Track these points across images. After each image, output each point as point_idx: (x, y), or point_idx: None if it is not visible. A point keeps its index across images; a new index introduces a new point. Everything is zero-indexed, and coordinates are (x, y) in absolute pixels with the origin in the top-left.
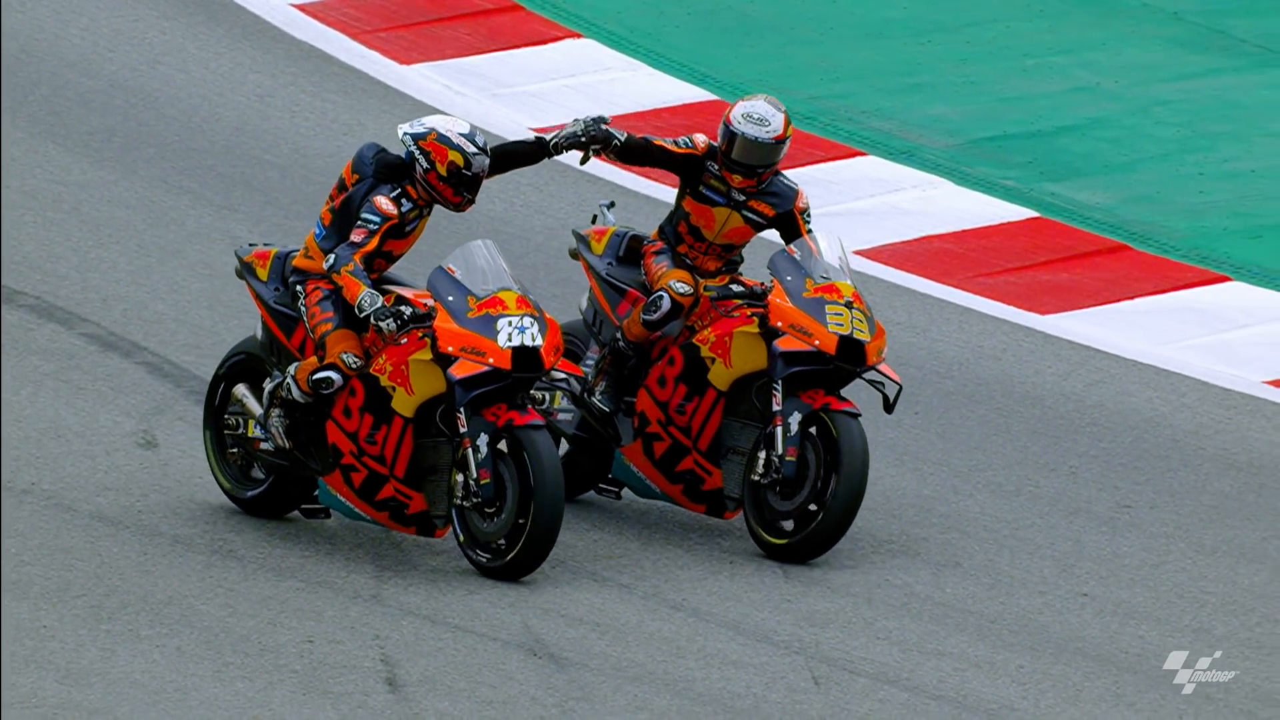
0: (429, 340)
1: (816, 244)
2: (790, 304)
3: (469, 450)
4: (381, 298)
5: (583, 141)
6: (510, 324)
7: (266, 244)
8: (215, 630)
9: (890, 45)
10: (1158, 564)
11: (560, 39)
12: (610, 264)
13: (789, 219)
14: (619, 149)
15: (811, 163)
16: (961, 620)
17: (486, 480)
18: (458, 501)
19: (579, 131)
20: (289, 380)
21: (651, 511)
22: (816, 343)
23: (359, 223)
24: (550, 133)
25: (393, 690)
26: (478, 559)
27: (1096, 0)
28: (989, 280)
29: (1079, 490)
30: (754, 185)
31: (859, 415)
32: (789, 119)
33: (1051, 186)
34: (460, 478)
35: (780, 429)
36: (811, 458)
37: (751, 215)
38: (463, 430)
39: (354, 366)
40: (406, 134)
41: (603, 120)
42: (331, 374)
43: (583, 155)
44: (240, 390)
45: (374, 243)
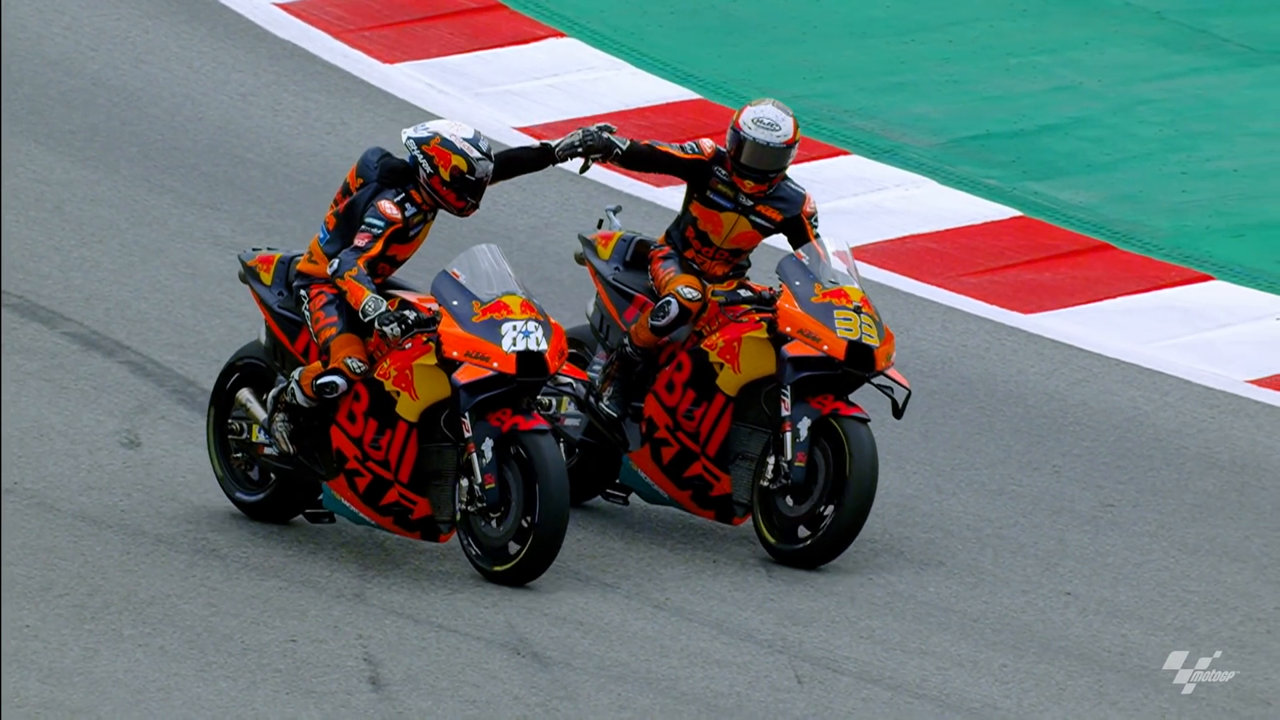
0: (433, 345)
1: (824, 249)
2: (799, 309)
3: (474, 455)
4: (386, 302)
5: (579, 151)
6: (515, 328)
7: (270, 248)
8: (198, 630)
9: (873, 44)
10: (1141, 562)
11: (543, 38)
12: (617, 269)
13: (796, 224)
14: (620, 157)
15: (794, 162)
16: (944, 619)
17: (491, 485)
18: (463, 506)
19: (576, 141)
20: (293, 385)
21: (634, 511)
22: (825, 348)
23: (363, 227)
24: (553, 138)
25: (376, 689)
26: (482, 565)
27: None
28: (972, 279)
29: (1062, 489)
30: (764, 190)
31: (868, 420)
32: (797, 123)
33: (1034, 186)
34: (465, 483)
35: (789, 434)
36: (821, 463)
37: (759, 220)
38: (467, 435)
39: (358, 371)
40: (410, 138)
41: (608, 129)
42: (336, 379)
43: (582, 163)
44: (244, 395)
45: (378, 247)
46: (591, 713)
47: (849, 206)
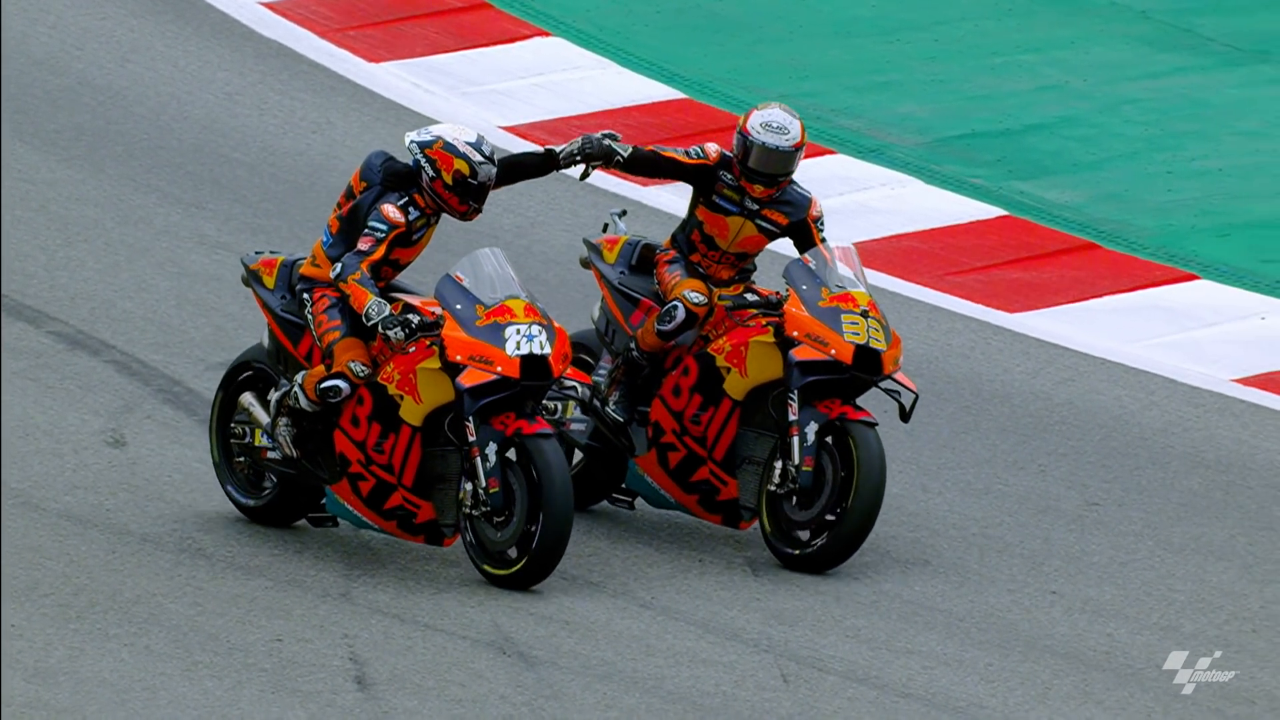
0: (437, 349)
1: (831, 253)
2: (806, 313)
3: (478, 459)
4: (389, 306)
5: (577, 160)
6: (518, 332)
7: (273, 252)
8: (184, 629)
9: (859, 44)
10: (1126, 562)
11: (529, 37)
12: (623, 273)
13: (803, 227)
14: (622, 164)
15: None
16: (930, 618)
17: (495, 489)
18: (466, 510)
19: (575, 150)
20: (296, 389)
21: (621, 511)
22: (833, 352)
23: (366, 231)
24: (551, 141)
25: (362, 689)
26: (486, 569)
27: None
28: (958, 278)
29: (1047, 488)
30: (772, 194)
31: (876, 424)
32: (804, 126)
33: (1020, 185)
34: (469, 487)
35: (797, 439)
36: (828, 467)
37: (765, 224)
38: (471, 439)
39: (361, 375)
40: (413, 142)
41: (611, 136)
42: (339, 382)
43: (582, 170)
44: (247, 399)
45: (381, 251)
46: (577, 712)
47: (835, 206)
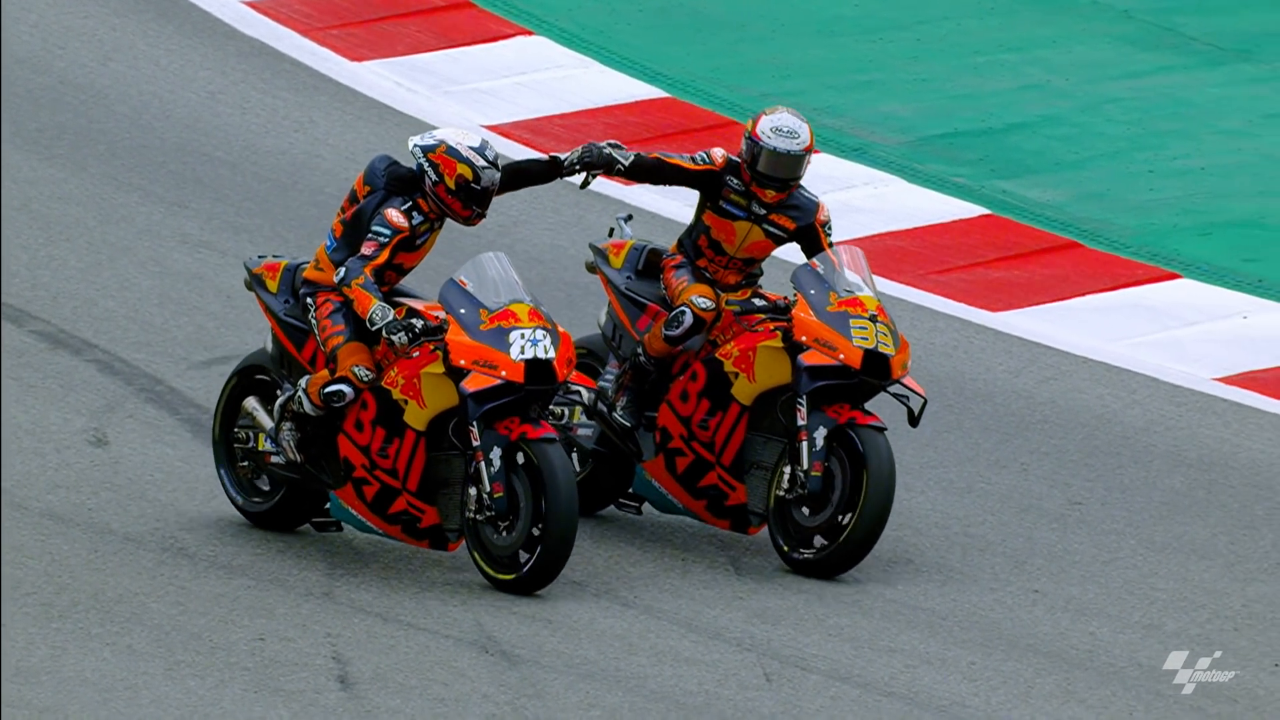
0: (441, 353)
1: (839, 257)
2: (814, 318)
3: (482, 464)
4: (393, 311)
5: (577, 169)
6: (523, 336)
7: (276, 256)
8: (166, 628)
9: (841, 43)
10: (1109, 560)
11: (512, 36)
12: (629, 278)
13: (810, 232)
14: (624, 171)
15: None
16: (912, 617)
17: (500, 494)
18: (471, 515)
19: (575, 158)
20: (300, 393)
21: (608, 511)
22: (841, 357)
23: (370, 235)
24: (558, 150)
25: (345, 688)
26: (491, 573)
27: None
28: (940, 277)
29: (1030, 487)
30: (782, 198)
31: (885, 429)
32: (812, 129)
33: (1002, 184)
34: (473, 491)
35: (805, 444)
36: (837, 472)
37: (772, 229)
38: (475, 444)
39: (365, 380)
40: (416, 146)
41: (614, 145)
42: (343, 387)
43: (583, 179)
44: (250, 404)
45: (384, 255)
46: (560, 711)
47: None
